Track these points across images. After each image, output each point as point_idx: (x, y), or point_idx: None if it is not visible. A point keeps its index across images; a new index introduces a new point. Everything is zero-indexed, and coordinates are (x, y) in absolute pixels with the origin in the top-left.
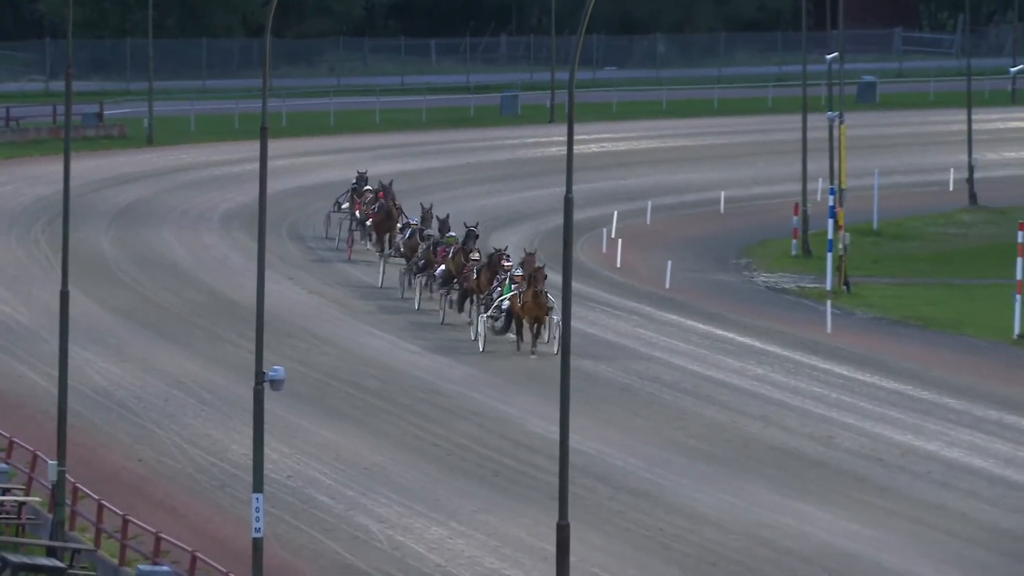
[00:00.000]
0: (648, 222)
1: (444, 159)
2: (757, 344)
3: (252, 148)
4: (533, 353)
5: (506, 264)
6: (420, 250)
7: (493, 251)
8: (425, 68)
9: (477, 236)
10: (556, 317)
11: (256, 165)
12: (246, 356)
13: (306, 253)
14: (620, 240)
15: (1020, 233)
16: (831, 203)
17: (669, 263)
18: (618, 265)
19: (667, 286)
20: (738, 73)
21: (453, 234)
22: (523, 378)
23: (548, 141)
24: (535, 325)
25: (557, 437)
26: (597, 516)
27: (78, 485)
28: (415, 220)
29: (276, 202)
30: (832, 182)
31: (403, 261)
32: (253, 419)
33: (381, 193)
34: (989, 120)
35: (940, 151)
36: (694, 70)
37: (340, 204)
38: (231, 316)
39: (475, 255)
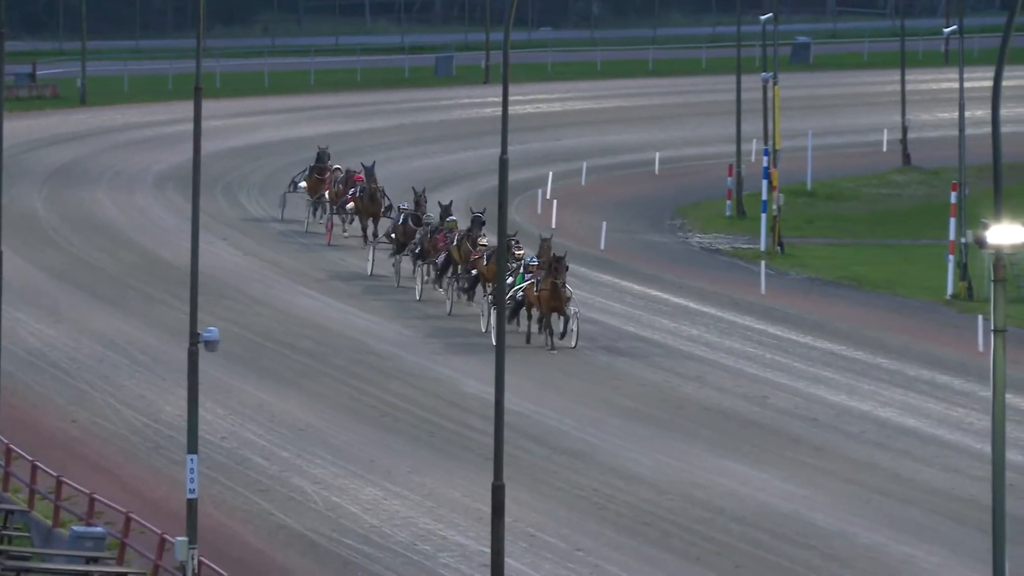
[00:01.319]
0: (583, 183)
1: (379, 120)
2: (692, 305)
3: (186, 109)
4: (553, 349)
5: (517, 252)
6: (417, 236)
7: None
8: (360, 28)
9: (483, 222)
10: (575, 309)
11: (190, 126)
12: (180, 317)
13: (240, 214)
14: (555, 201)
15: (953, 194)
16: (765, 164)
17: (604, 224)
18: (553, 226)
19: (602, 247)
20: (672, 34)
21: (454, 218)
22: (459, 339)
23: (483, 102)
24: (549, 318)
25: (492, 398)
26: (532, 476)
27: (11, 446)
28: (405, 204)
29: (210, 163)
30: (766, 143)
31: (391, 247)
32: (187, 380)
33: (359, 175)
34: (922, 81)
35: (874, 112)
36: (629, 31)
37: (296, 184)
38: (165, 277)
39: (484, 241)
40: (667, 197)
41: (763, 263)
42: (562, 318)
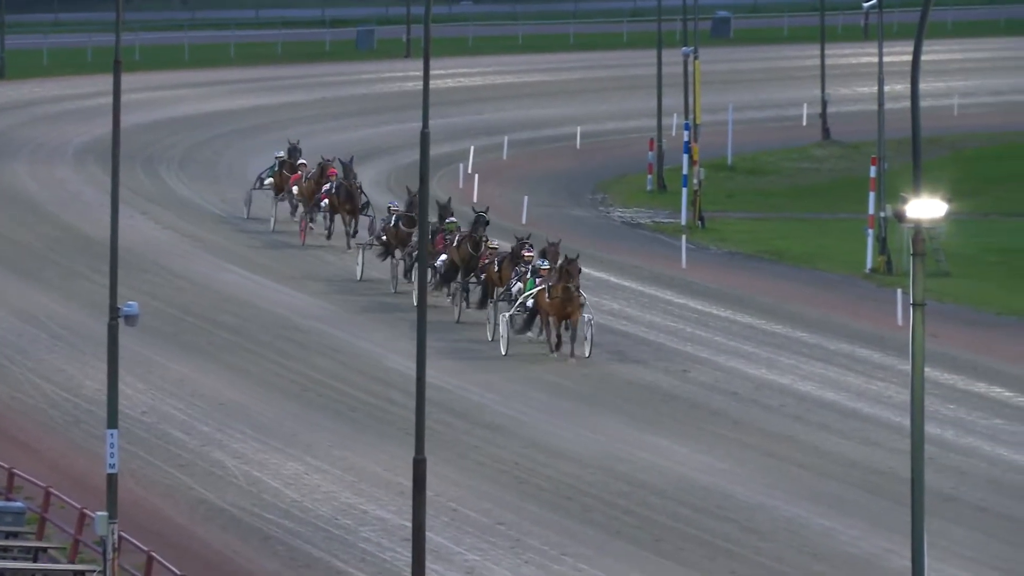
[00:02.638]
0: (505, 157)
1: (300, 94)
2: (612, 279)
3: (106, 82)
4: (573, 357)
5: (527, 255)
6: (412, 239)
7: (516, 240)
8: (280, 1)
9: (487, 222)
10: (589, 316)
11: (110, 99)
12: (100, 291)
13: (160, 187)
14: (477, 175)
15: (872, 168)
16: (686, 138)
17: (526, 198)
18: (475, 200)
19: (523, 221)
20: (594, 8)
21: (454, 220)
22: (381, 314)
23: (404, 76)
24: (562, 324)
25: (414, 373)
26: (453, 451)
27: None
28: (396, 203)
29: (130, 136)
30: (687, 117)
31: (380, 249)
32: (107, 354)
33: (332, 170)
34: (842, 55)
35: (794, 86)
36: (550, 5)
37: (263, 180)
38: (85, 251)
39: (493, 244)
40: (589, 171)
41: (684, 237)
42: (572, 325)
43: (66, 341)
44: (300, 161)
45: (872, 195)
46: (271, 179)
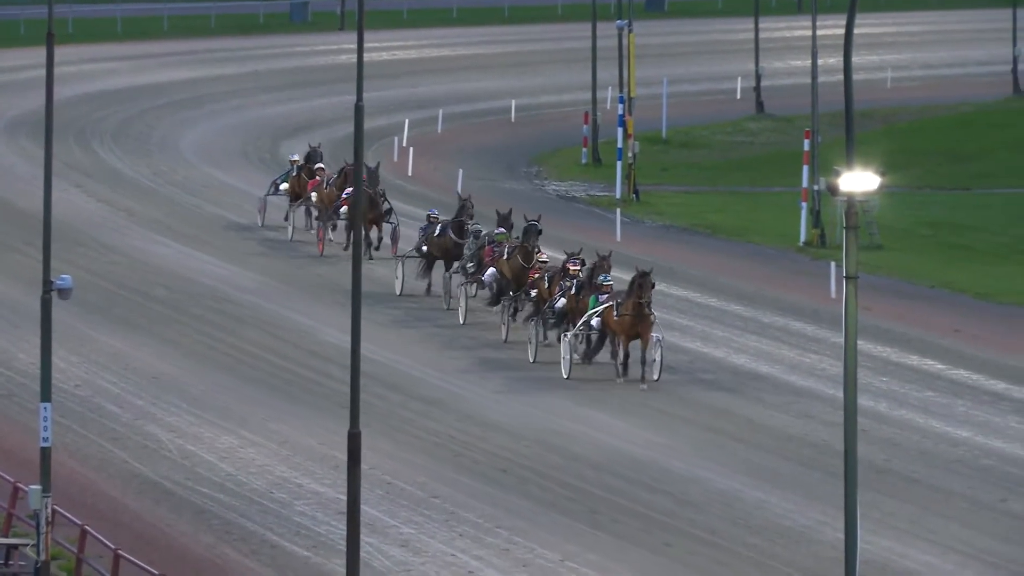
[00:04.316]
0: (439, 130)
1: (233, 66)
2: (547, 253)
3: (38, 55)
4: (643, 383)
5: (573, 268)
6: (467, 250)
7: (567, 256)
8: None
9: (540, 231)
10: (658, 336)
11: (42, 72)
12: (33, 265)
13: (94, 161)
14: (411, 149)
15: (806, 141)
16: (620, 112)
17: (460, 172)
18: (409, 174)
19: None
20: None
21: (503, 231)
22: (315, 287)
23: (338, 48)
24: (628, 345)
25: (349, 346)
26: (389, 424)
27: None
28: (435, 211)
29: (63, 109)
30: (621, 91)
31: (421, 260)
32: (41, 328)
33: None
34: (776, 28)
35: (727, 60)
36: None
37: (278, 186)
38: (18, 224)
39: (543, 257)
40: (523, 145)
41: (618, 210)
42: (642, 347)
43: None
44: (318, 166)
45: (806, 168)
46: (286, 184)
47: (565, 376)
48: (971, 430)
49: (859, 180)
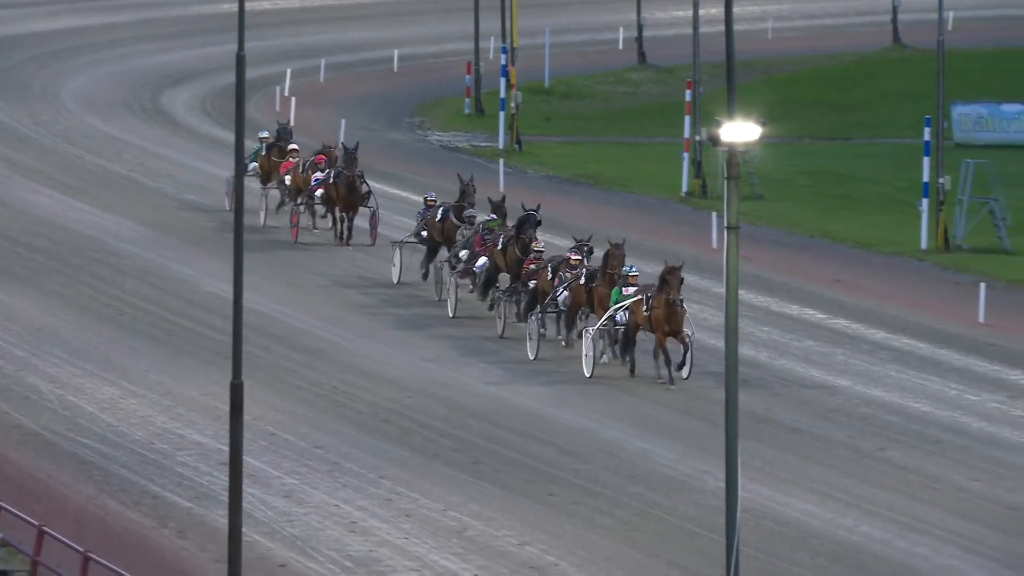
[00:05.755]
0: (322, 80)
1: (116, 15)
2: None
3: None
4: (672, 383)
5: (573, 258)
6: (460, 236)
7: (575, 242)
8: None
9: (539, 222)
10: (690, 332)
11: None
12: None
13: None
14: (293, 99)
15: (687, 92)
16: (503, 62)
17: (343, 121)
18: (291, 123)
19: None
20: None
21: (495, 218)
22: (196, 239)
23: None
24: (664, 342)
25: (231, 297)
26: (272, 375)
27: None
28: (433, 195)
29: None
30: (504, 41)
31: (422, 247)
32: None
33: (321, 156)
34: None
35: (609, 10)
36: None
37: (246, 166)
38: None
39: (539, 246)
40: (406, 95)
41: (501, 161)
42: (678, 343)
43: None
44: (292, 147)
45: (687, 119)
46: (255, 163)
47: (588, 375)
48: (851, 379)
49: (740, 131)
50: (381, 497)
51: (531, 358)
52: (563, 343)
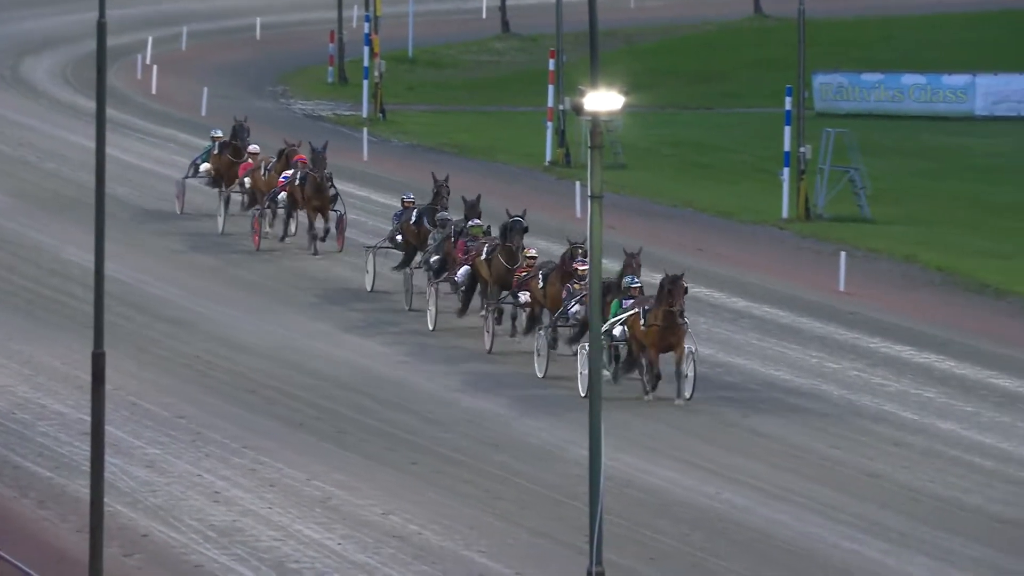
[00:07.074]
0: (184, 48)
1: None
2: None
3: None
4: (679, 398)
5: (580, 268)
6: (431, 240)
7: (570, 244)
8: None
9: (525, 228)
10: (691, 347)
11: None
12: None
13: None
14: (155, 66)
15: (551, 61)
16: (367, 30)
17: (205, 90)
18: (153, 92)
19: (203, 113)
20: None
21: (479, 223)
22: (56, 207)
23: None
24: (658, 358)
25: (92, 266)
26: (134, 345)
27: None
28: (410, 196)
29: None
30: (367, 9)
31: (396, 252)
32: None
33: (300, 156)
34: None
35: None
36: None
37: (198, 166)
38: None
39: (531, 253)
40: (269, 63)
41: (365, 130)
42: (676, 360)
43: None
44: (252, 148)
45: (551, 88)
46: (207, 164)
47: (583, 395)
48: (713, 347)
49: (603, 100)
50: (245, 467)
51: (540, 376)
52: (573, 354)
